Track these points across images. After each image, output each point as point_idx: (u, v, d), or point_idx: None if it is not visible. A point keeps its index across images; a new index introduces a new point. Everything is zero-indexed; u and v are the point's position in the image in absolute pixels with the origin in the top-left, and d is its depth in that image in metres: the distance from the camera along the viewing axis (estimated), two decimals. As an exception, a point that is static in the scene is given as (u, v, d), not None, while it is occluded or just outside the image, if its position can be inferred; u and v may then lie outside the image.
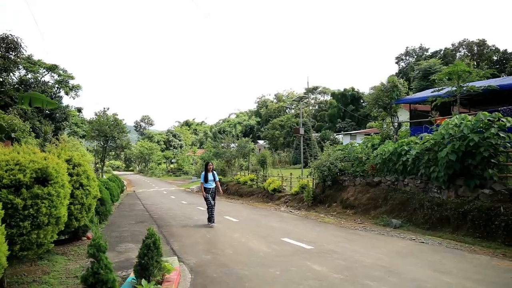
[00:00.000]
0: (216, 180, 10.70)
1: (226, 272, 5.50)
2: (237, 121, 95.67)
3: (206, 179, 10.53)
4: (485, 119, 8.99)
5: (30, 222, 4.92)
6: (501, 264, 5.56)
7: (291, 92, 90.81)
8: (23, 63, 46.08)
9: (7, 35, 13.21)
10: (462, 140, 9.06)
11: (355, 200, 12.90)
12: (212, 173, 10.64)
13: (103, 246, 3.12)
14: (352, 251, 6.61)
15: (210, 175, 10.57)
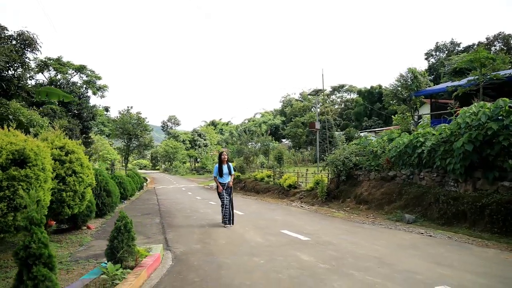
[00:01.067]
0: (232, 173, 8.90)
1: (208, 260, 5.23)
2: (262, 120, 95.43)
3: (220, 172, 8.66)
4: (505, 106, 8.27)
5: (6, 204, 4.83)
6: (510, 258, 4.99)
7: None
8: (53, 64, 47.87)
9: (23, 32, 13.47)
10: (480, 129, 8.40)
11: (369, 195, 12.33)
12: (227, 165, 8.85)
13: (37, 219, 2.92)
14: (349, 243, 6.19)
15: (225, 167, 8.78)
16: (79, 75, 48.38)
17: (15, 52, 12.76)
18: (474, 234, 7.53)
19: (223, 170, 8.72)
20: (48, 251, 2.85)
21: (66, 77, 46.96)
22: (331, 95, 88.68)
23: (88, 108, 46.93)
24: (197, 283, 4.21)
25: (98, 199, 10.46)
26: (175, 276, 4.53)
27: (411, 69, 14.85)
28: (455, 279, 4.00)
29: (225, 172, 8.74)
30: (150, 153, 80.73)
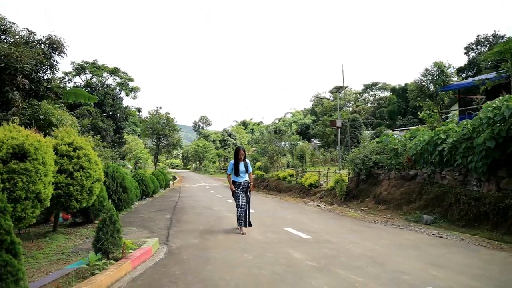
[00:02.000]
0: (249, 171, 7.85)
1: (199, 255, 5.21)
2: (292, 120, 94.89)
3: (236, 170, 7.65)
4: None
5: (7, 196, 5.01)
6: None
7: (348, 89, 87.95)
8: (89, 68, 49.83)
9: (51, 36, 14.01)
10: (503, 124, 7.86)
11: (388, 194, 11.88)
12: (244, 163, 7.81)
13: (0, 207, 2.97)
14: (348, 242, 5.96)
15: (242, 165, 7.75)
16: (113, 77, 50.20)
17: (43, 55, 13.27)
18: (496, 236, 7.03)
19: (239, 168, 7.71)
20: (11, 238, 2.90)
21: (100, 80, 48.87)
22: (364, 93, 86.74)
23: (121, 109, 48.65)
24: (176, 276, 4.19)
25: (114, 195, 10.75)
26: (159, 269, 4.53)
27: (437, 63, 14.17)
28: (445, 281, 3.72)
29: (241, 170, 7.71)
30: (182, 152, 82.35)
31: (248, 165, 7.89)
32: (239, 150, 7.94)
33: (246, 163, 7.86)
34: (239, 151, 7.88)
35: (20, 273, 2.93)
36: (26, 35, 13.46)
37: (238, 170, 7.68)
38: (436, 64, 14.14)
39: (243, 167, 7.76)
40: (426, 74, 14.27)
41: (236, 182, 7.68)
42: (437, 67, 13.87)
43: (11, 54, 11.48)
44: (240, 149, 7.98)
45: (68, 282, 3.71)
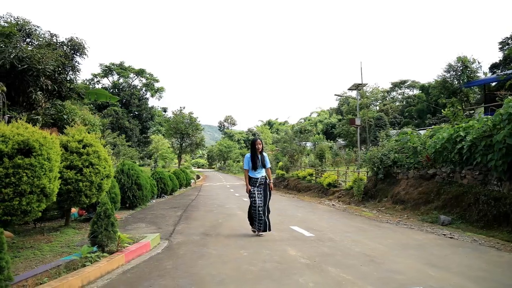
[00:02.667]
0: (267, 166, 6.90)
1: (196, 251, 5.22)
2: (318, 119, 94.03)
3: (254, 164, 6.73)
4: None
5: (12, 190, 5.19)
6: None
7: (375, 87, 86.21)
8: (116, 69, 51.20)
9: (73, 38, 14.49)
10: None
11: (405, 194, 11.52)
12: (261, 156, 6.86)
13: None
14: (351, 240, 5.81)
15: (259, 158, 6.82)
16: (139, 78, 51.45)
17: (65, 56, 13.72)
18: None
19: (257, 162, 6.73)
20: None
21: (127, 81, 50.17)
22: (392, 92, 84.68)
23: (147, 109, 49.83)
24: (167, 270, 4.21)
25: (129, 192, 10.97)
26: (152, 263, 4.57)
27: (461, 58, 13.61)
28: (438, 281, 3.53)
29: (259, 164, 6.75)
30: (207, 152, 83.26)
31: (265, 158, 6.91)
32: (255, 141, 6.96)
33: (263, 157, 6.89)
34: (255, 142, 6.90)
35: (2, 262, 3.02)
36: (48, 37, 13.96)
37: (256, 164, 6.71)
38: (459, 59, 13.58)
39: (260, 161, 6.79)
40: (449, 70, 13.71)
41: (253, 179, 6.74)
42: (460, 62, 13.30)
43: (34, 56, 11.93)
44: (257, 139, 7.02)
45: (58, 273, 3.80)
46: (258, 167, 6.75)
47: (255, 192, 6.68)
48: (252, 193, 6.69)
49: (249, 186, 6.72)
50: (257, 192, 6.69)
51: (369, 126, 41.71)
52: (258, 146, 6.83)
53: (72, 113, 16.33)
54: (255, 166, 6.75)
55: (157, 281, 3.80)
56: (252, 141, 7.06)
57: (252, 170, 6.77)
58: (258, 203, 6.60)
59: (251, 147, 6.92)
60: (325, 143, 52.53)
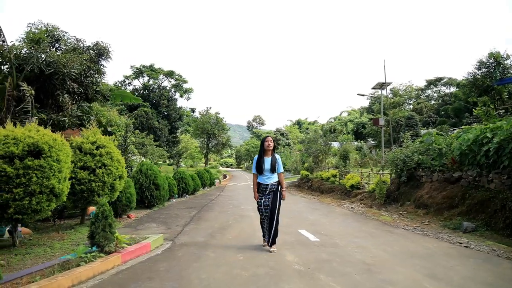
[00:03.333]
0: (279, 171, 5.72)
1: (195, 253, 5.24)
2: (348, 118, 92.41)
3: (259, 167, 5.65)
4: None
5: (23, 190, 5.40)
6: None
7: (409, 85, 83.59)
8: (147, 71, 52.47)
9: (98, 42, 14.99)
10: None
11: (429, 198, 11.04)
12: (271, 158, 5.70)
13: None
14: (355, 247, 5.61)
15: (267, 160, 5.66)
16: (168, 79, 52.51)
17: (90, 60, 14.19)
18: None
19: (264, 165, 5.61)
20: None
21: (156, 82, 51.33)
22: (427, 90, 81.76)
23: (175, 110, 50.79)
24: (159, 272, 4.24)
25: (147, 191, 11.18)
26: (147, 264, 4.61)
27: (493, 54, 12.88)
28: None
29: (266, 167, 5.60)
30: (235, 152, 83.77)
31: (277, 161, 5.72)
32: (265, 139, 5.82)
33: (274, 159, 5.68)
34: (265, 141, 5.78)
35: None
36: (74, 42, 14.49)
37: (262, 168, 5.58)
38: (491, 55, 12.86)
39: (269, 164, 5.60)
40: (480, 67, 13.02)
41: (262, 185, 5.64)
42: (492, 58, 12.59)
43: (60, 60, 12.41)
44: (267, 137, 5.88)
45: (52, 272, 3.89)
46: (265, 171, 5.58)
47: (262, 200, 5.64)
48: (260, 202, 5.68)
49: (257, 194, 5.69)
50: (263, 201, 5.62)
51: (399, 125, 40.49)
52: (267, 147, 5.64)
53: (99, 115, 16.88)
54: (260, 170, 5.60)
55: (145, 283, 3.82)
56: (262, 140, 5.86)
57: (259, 174, 5.67)
58: (266, 212, 5.57)
59: (260, 147, 5.83)
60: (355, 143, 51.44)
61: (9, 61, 11.76)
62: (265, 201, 5.62)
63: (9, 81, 11.26)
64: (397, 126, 39.13)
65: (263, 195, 5.64)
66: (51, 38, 14.54)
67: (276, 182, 5.66)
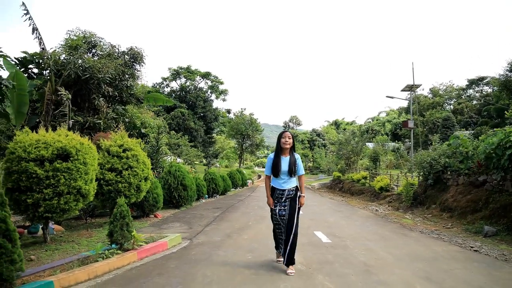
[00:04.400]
0: (299, 173, 4.73)
1: (207, 252, 5.60)
2: (386, 119, 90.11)
3: (276, 169, 4.63)
4: None
5: (52, 190, 5.97)
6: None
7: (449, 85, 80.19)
8: (184, 73, 53.89)
9: (132, 47, 15.84)
10: None
11: (454, 202, 10.83)
12: (290, 158, 4.70)
13: None
14: (364, 249, 5.78)
15: (285, 160, 4.67)
16: (205, 81, 53.70)
17: (125, 65, 15.04)
18: None
19: (280, 166, 4.59)
20: (6, 226, 3.59)
21: (193, 83, 52.65)
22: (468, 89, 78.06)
23: (211, 111, 51.87)
24: (169, 269, 4.63)
25: (175, 192, 11.75)
26: (160, 262, 5.03)
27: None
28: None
29: (283, 169, 4.58)
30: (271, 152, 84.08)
31: (297, 162, 4.68)
32: (282, 135, 4.74)
33: (293, 159, 4.66)
34: (282, 136, 4.73)
35: (14, 256, 3.62)
36: (109, 48, 15.39)
37: (279, 170, 4.56)
38: (524, 54, 12.29)
39: (287, 165, 4.59)
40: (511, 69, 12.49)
41: (277, 190, 4.66)
42: (525, 58, 12.02)
43: (95, 66, 13.27)
44: (285, 131, 4.79)
45: (71, 266, 4.38)
46: (281, 173, 4.57)
47: (277, 207, 4.65)
48: (274, 211, 4.69)
49: (272, 200, 4.71)
50: (278, 210, 4.62)
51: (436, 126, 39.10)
52: (285, 145, 4.61)
53: (134, 117, 17.75)
54: (277, 172, 4.57)
55: (153, 278, 4.22)
56: (279, 134, 4.82)
57: (274, 176, 4.68)
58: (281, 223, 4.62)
59: (276, 144, 4.78)
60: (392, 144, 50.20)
61: (49, 67, 12.68)
62: (280, 210, 4.60)
63: (48, 86, 12.19)
64: (434, 127, 37.82)
65: (278, 203, 4.64)
66: (88, 44, 15.54)
67: (295, 188, 4.66)
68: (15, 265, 3.58)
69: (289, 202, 4.64)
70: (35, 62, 14.37)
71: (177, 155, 29.96)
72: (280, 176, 4.63)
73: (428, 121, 40.35)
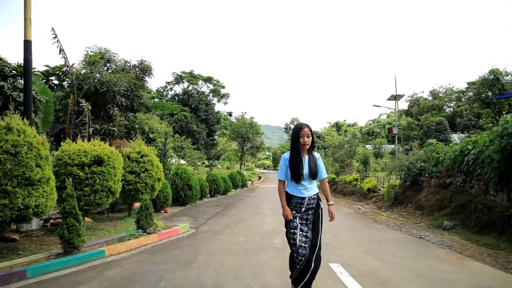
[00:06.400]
0: (322, 177, 3.85)
1: (209, 237, 7.25)
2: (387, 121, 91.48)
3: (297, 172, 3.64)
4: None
5: (89, 188, 7.64)
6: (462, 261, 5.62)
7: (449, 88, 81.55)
8: (187, 77, 55.57)
9: (142, 61, 17.53)
10: (509, 138, 8.33)
11: (425, 201, 12.44)
12: (310, 158, 3.71)
13: (71, 194, 5.33)
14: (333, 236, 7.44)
15: (306, 162, 3.69)
16: (207, 85, 55.43)
17: (136, 77, 16.76)
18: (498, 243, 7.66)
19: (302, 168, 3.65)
20: (76, 211, 5.26)
21: (195, 88, 54.38)
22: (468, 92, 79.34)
23: (213, 114, 53.59)
24: (181, 246, 6.29)
25: (181, 191, 13.41)
26: (174, 241, 6.70)
27: (493, 70, 14.05)
28: (352, 258, 5.10)
29: (305, 172, 3.67)
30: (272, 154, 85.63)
31: (318, 162, 3.79)
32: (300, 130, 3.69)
33: (314, 159, 3.75)
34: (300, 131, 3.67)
35: (80, 231, 5.30)
36: (122, 63, 17.13)
37: (301, 173, 3.63)
38: (491, 71, 14.03)
39: (307, 167, 3.67)
40: (483, 82, 14.18)
41: (296, 199, 3.68)
42: (492, 74, 13.76)
43: (111, 80, 14.99)
44: (303, 127, 3.71)
45: (113, 242, 6.05)
46: (304, 177, 3.65)
47: (297, 222, 3.65)
48: (291, 224, 3.66)
49: (289, 210, 3.68)
50: (299, 223, 3.64)
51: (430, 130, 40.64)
52: (305, 142, 3.65)
53: (143, 123, 19.45)
54: (298, 176, 3.63)
55: (171, 251, 5.88)
56: (295, 130, 3.77)
57: (294, 181, 3.68)
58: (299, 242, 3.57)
59: (293, 140, 3.74)
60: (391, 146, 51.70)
61: (72, 82, 14.40)
62: (301, 225, 3.63)
63: (71, 98, 13.93)
64: (428, 130, 39.39)
65: (297, 214, 3.66)
66: (104, 60, 17.30)
67: (316, 195, 3.77)
68: (81, 237, 5.26)
69: (312, 215, 3.68)
70: (56, 74, 16.16)
71: (181, 157, 31.56)
72: (302, 181, 3.61)
73: (423, 124, 41.86)
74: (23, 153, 5.30)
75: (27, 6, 7.56)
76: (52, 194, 5.84)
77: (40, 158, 5.61)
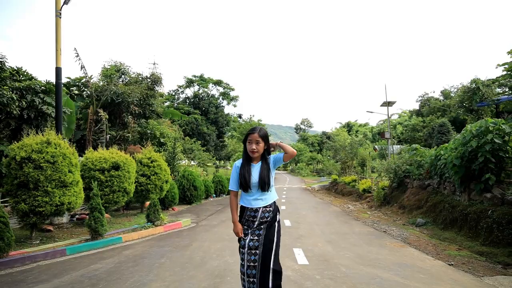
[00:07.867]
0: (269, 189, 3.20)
1: (206, 229, 8.76)
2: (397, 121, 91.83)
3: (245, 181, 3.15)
4: (485, 125, 9.31)
5: (109, 189, 9.25)
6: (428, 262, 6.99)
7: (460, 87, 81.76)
8: (197, 81, 57.37)
9: (153, 73, 19.19)
10: (465, 145, 9.61)
11: (408, 201, 13.72)
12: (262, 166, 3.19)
13: (96, 194, 6.91)
14: (309, 229, 8.88)
15: (255, 169, 3.19)
16: (216, 88, 57.13)
17: (147, 88, 18.43)
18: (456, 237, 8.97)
19: (249, 176, 3.18)
20: (100, 207, 6.84)
21: (206, 91, 56.13)
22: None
23: (223, 116, 55.28)
24: (182, 235, 7.80)
25: (188, 192, 14.98)
26: (176, 232, 8.23)
27: (474, 80, 15.24)
28: (314, 244, 6.54)
29: (253, 181, 3.17)
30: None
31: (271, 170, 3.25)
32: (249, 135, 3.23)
33: (266, 168, 3.20)
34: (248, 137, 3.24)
35: (103, 222, 6.87)
36: (135, 76, 18.84)
37: (248, 181, 3.16)
38: (473, 81, 15.21)
39: (257, 175, 3.18)
40: (465, 90, 15.37)
41: (249, 211, 3.21)
42: (474, 83, 14.95)
43: (126, 92, 16.67)
44: (252, 133, 3.21)
45: (128, 232, 7.62)
46: (252, 185, 3.18)
47: (246, 241, 3.17)
48: (241, 243, 3.23)
49: (240, 226, 3.25)
50: (248, 241, 3.16)
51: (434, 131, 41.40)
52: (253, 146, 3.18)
53: (155, 129, 21.14)
54: (246, 185, 3.17)
55: (174, 238, 7.41)
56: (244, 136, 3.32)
57: (244, 191, 3.26)
58: (247, 263, 3.10)
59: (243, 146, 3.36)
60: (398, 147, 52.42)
61: (91, 94, 16.12)
62: (251, 242, 3.16)
63: (90, 109, 15.65)
64: (433, 132, 40.15)
65: (249, 230, 3.21)
66: (118, 72, 19.04)
67: (272, 205, 3.25)
68: (104, 227, 6.84)
69: (265, 230, 3.18)
70: (76, 85, 17.94)
71: (191, 159, 33.17)
72: (250, 190, 3.20)
73: (428, 126, 42.68)
74: (59, 162, 6.88)
75: (58, 38, 9.19)
76: (81, 194, 7.41)
77: (71, 165, 7.19)
